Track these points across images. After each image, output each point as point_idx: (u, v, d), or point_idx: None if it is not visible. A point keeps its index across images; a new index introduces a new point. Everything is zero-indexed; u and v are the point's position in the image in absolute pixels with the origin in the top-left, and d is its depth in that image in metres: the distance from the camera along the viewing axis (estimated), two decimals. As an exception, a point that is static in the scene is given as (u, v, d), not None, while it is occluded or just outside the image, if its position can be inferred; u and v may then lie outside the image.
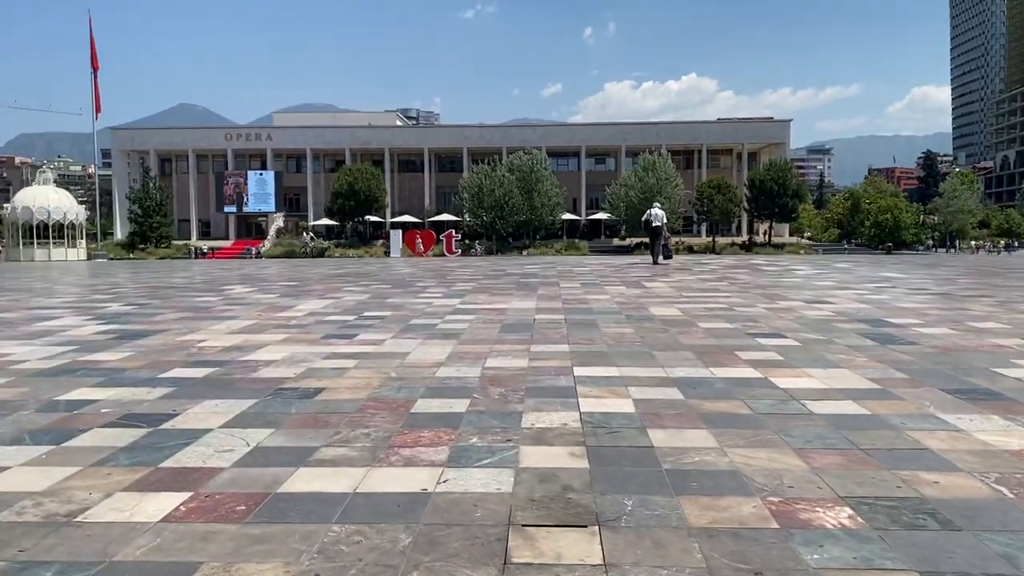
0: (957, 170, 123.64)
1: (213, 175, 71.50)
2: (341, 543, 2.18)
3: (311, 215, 70.44)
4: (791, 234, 72.16)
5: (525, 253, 55.73)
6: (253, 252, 58.08)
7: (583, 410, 3.70)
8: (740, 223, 71.26)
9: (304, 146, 71.79)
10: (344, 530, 2.27)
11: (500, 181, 59.88)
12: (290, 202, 72.37)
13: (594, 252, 58.57)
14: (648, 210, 21.64)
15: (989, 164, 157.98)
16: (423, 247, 56.30)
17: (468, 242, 59.54)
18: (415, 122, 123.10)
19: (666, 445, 3.14)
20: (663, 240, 20.57)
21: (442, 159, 75.71)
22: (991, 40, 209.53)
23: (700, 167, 72.13)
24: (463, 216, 64.51)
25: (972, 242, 77.74)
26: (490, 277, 12.67)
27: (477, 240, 60.13)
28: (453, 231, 59.23)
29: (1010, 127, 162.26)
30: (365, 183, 61.60)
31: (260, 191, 68.92)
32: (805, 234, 79.09)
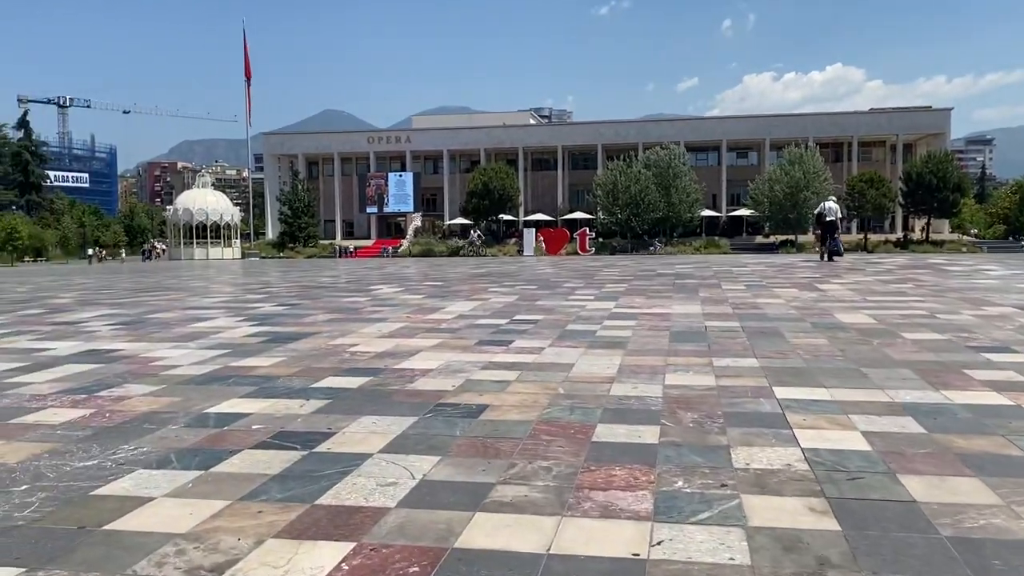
0: None
1: (356, 177, 74.02)
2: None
3: (447, 214, 71.65)
4: (951, 230, 67.05)
5: (651, 250, 54.24)
6: (389, 251, 59.60)
7: (804, 445, 3.04)
8: (894, 219, 66.84)
9: (441, 147, 73.08)
10: (550, 619, 1.75)
11: (636, 177, 58.62)
12: (427, 202, 73.92)
13: (735, 250, 56.32)
14: (821, 203, 20.43)
15: None
16: (555, 245, 55.96)
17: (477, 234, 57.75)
18: (547, 121, 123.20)
19: (932, 500, 2.44)
20: (836, 235, 19.41)
21: (575, 157, 75.18)
22: None
23: (850, 160, 68.20)
24: (596, 214, 63.69)
25: None
26: (640, 278, 11.99)
27: (473, 228, 58.55)
28: (587, 229, 58.58)
29: None
30: (499, 182, 61.94)
31: (399, 192, 70.72)
32: (971, 231, 73.18)
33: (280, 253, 61.91)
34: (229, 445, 3.17)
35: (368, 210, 72.00)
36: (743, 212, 65.62)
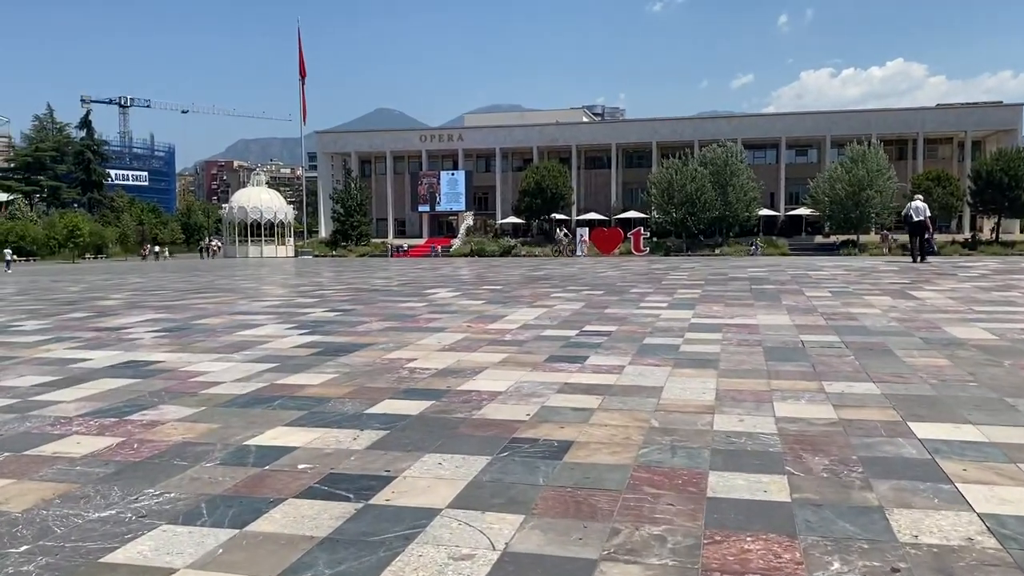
0: None
1: (408, 175, 74.06)
2: None
3: (499, 213, 71.22)
4: (1022, 231, 64.30)
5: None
6: (438, 250, 59.39)
7: (979, 509, 2.41)
8: (961, 219, 64.32)
9: (493, 145, 72.65)
10: None
11: (692, 176, 57.33)
12: (479, 201, 73.57)
13: (794, 251, 54.71)
14: (909, 203, 19.79)
15: None
16: (609, 245, 55.04)
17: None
18: (600, 118, 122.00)
19: None
20: (927, 235, 18.78)
21: (629, 155, 74.05)
22: None
23: (915, 158, 65.84)
24: (651, 213, 62.59)
25: None
26: (712, 282, 11.25)
27: (560, 227, 55.75)
28: (641, 229, 57.53)
29: None
30: (552, 180, 61.26)
31: (451, 190, 70.53)
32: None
33: (332, 252, 62.20)
34: (270, 492, 2.66)
35: (420, 209, 71.99)
36: (802, 211, 63.83)
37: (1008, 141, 62.94)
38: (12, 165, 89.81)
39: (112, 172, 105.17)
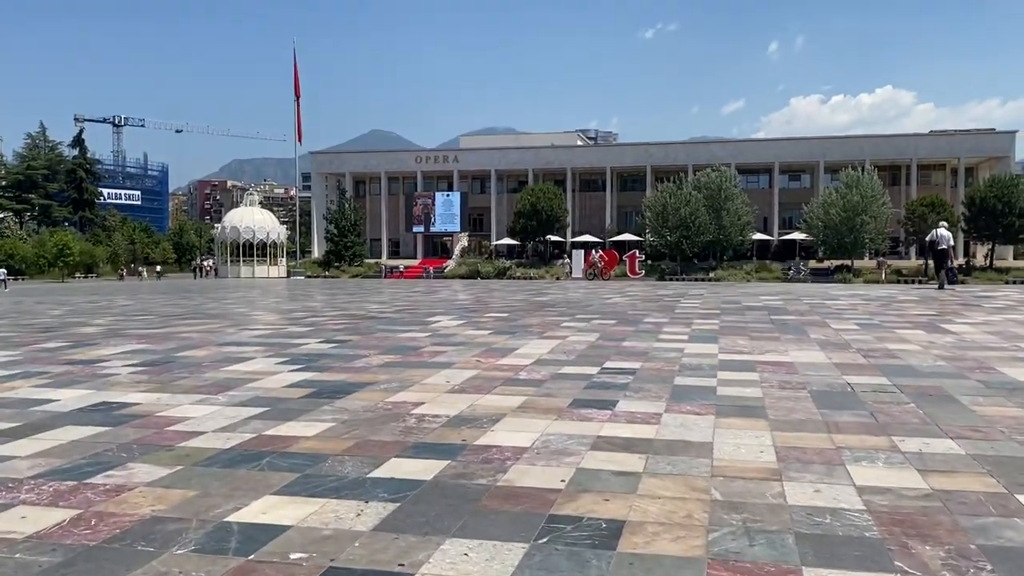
0: None
1: (403, 196, 73.72)
2: None
3: (493, 234, 70.86)
4: (1015, 257, 64.29)
5: (799, 274, 52.31)
6: (430, 271, 58.85)
7: None
8: (955, 245, 64.22)
9: (489, 167, 72.43)
10: None
11: (686, 199, 57.19)
12: (474, 222, 73.22)
13: (787, 275, 54.46)
14: (933, 230, 19.88)
15: None
16: (605, 267, 54.64)
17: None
18: (593, 142, 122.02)
19: None
20: (949, 263, 18.90)
21: (624, 178, 73.95)
22: None
23: (908, 184, 65.88)
24: (645, 235, 62.33)
25: None
26: (728, 312, 10.67)
27: (595, 249, 53.93)
28: (636, 251, 57.20)
29: None
30: (547, 203, 61.02)
31: (446, 211, 70.19)
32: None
33: (325, 272, 61.60)
34: (255, 599, 2.10)
35: (415, 229, 71.59)
36: (796, 236, 63.71)
37: (1000, 168, 63.08)
38: (3, 183, 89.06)
39: (105, 191, 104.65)
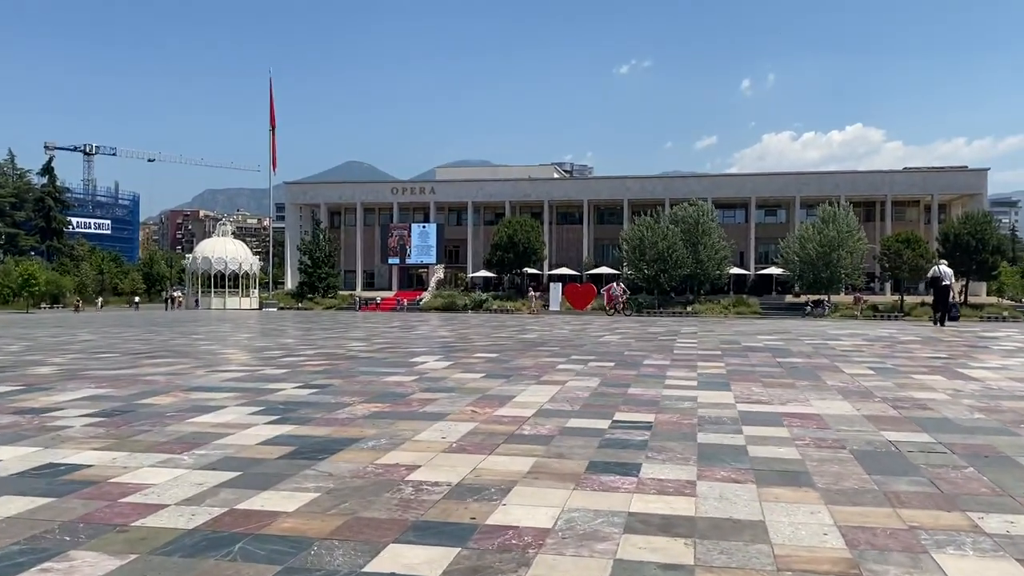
0: None
1: (378, 228, 73.11)
2: None
3: (470, 267, 70.41)
4: (988, 293, 64.97)
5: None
6: (404, 304, 58.13)
7: None
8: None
9: (466, 199, 72.17)
10: None
11: (664, 233, 57.21)
12: (450, 254, 72.75)
13: (766, 310, 54.48)
14: (934, 267, 19.94)
15: None
16: (582, 301, 54.33)
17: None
18: (569, 175, 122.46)
19: None
20: (951, 300, 19.01)
21: (601, 211, 74.02)
22: None
23: (883, 219, 66.55)
24: (622, 269, 62.19)
25: None
26: (730, 353, 10.09)
27: (617, 282, 49.99)
28: (614, 285, 56.99)
29: None
30: (524, 235, 60.76)
31: (422, 243, 69.73)
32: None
33: (298, 304, 60.61)
34: None
35: (390, 261, 70.96)
36: (772, 270, 63.95)
37: (973, 205, 63.99)
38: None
39: (74, 220, 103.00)
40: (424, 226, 70.86)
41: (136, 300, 71.09)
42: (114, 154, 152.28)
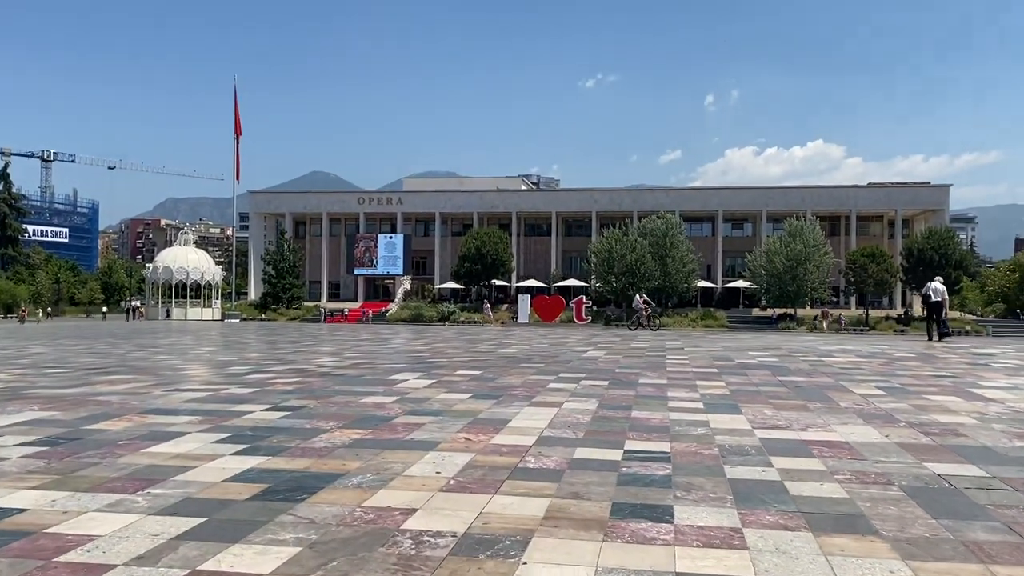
0: None
1: (344, 238, 72.12)
2: None
3: (437, 278, 69.73)
4: (951, 308, 65.84)
5: (658, 322, 51.90)
6: (369, 316, 57.24)
7: None
8: (892, 295, 65.52)
9: (433, 210, 71.56)
10: None
11: (632, 246, 57.11)
12: (417, 265, 72.00)
13: (733, 323, 54.51)
14: (928, 284, 20.42)
15: None
16: (551, 313, 53.89)
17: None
18: (536, 187, 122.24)
19: None
20: (943, 316, 19.34)
21: (568, 223, 73.86)
22: None
23: (848, 234, 67.26)
24: (590, 281, 61.97)
25: None
26: (728, 371, 9.49)
27: (639, 293, 47.24)
28: (583, 297, 56.67)
29: None
30: (492, 247, 60.31)
31: (389, 254, 68.95)
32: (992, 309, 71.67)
33: (262, 315, 59.38)
34: None
35: (357, 271, 70.03)
36: (739, 284, 64.17)
37: (935, 220, 64.93)
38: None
39: (30, 228, 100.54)
40: (391, 236, 70.10)
41: (104, 310, 69.35)
42: (73, 161, 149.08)
